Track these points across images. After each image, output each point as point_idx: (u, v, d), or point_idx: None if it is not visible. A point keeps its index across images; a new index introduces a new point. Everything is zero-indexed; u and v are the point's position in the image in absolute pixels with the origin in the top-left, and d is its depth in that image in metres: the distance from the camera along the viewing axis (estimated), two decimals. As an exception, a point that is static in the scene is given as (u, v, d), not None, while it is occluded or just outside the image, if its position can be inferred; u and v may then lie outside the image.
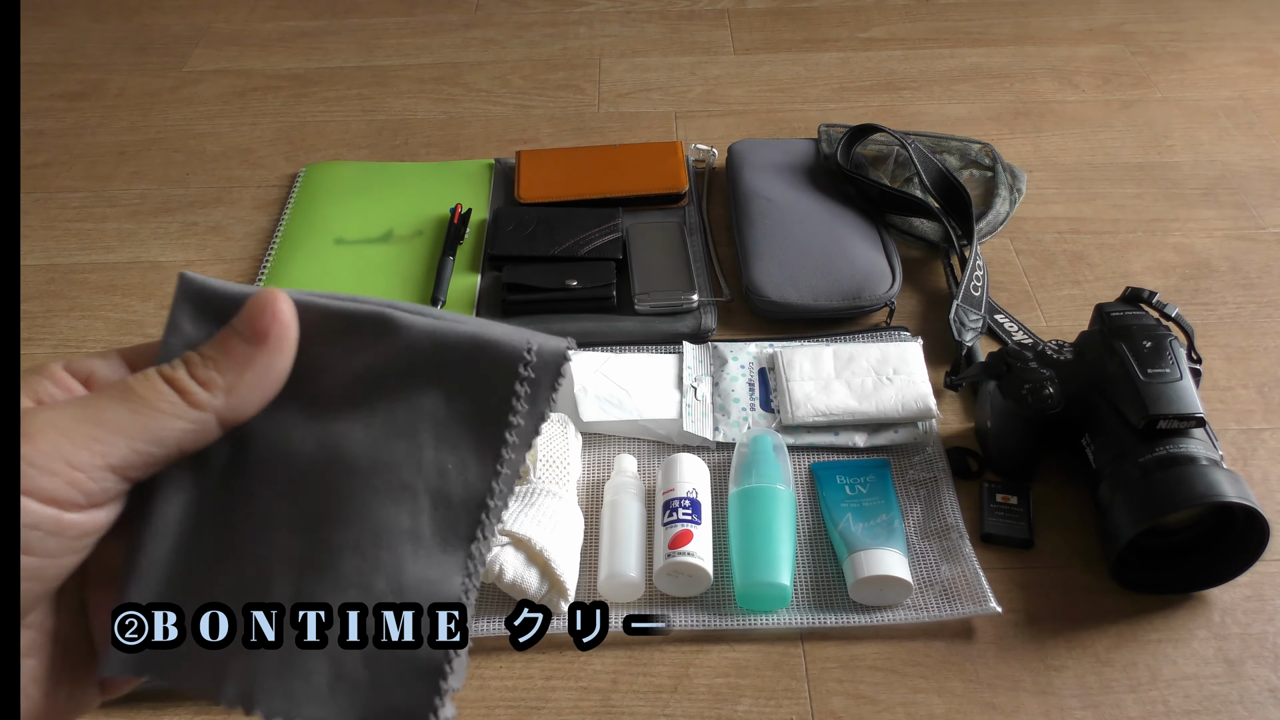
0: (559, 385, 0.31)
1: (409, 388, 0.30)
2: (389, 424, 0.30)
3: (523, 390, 0.30)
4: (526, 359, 0.30)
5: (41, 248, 0.96)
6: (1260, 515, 0.59)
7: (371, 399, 0.30)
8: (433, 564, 0.29)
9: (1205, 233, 0.95)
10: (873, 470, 0.72)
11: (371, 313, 0.30)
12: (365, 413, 0.30)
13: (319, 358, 0.30)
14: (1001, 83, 1.19)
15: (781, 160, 1.00)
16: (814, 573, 0.66)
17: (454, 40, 1.29)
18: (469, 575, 0.29)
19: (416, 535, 0.29)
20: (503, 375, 0.30)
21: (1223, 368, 0.81)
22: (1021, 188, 0.97)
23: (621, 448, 0.75)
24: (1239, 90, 1.16)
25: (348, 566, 0.28)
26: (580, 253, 0.88)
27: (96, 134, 1.13)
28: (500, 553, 0.61)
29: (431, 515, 0.29)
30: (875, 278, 0.85)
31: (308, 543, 0.29)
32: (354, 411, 0.30)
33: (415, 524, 0.29)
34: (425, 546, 0.29)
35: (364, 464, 0.29)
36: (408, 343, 0.30)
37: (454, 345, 0.30)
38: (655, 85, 1.20)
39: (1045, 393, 0.68)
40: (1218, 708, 0.60)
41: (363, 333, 0.30)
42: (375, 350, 0.30)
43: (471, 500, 0.29)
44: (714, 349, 0.81)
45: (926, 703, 0.60)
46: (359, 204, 0.99)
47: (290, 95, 1.19)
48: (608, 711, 0.60)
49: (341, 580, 0.28)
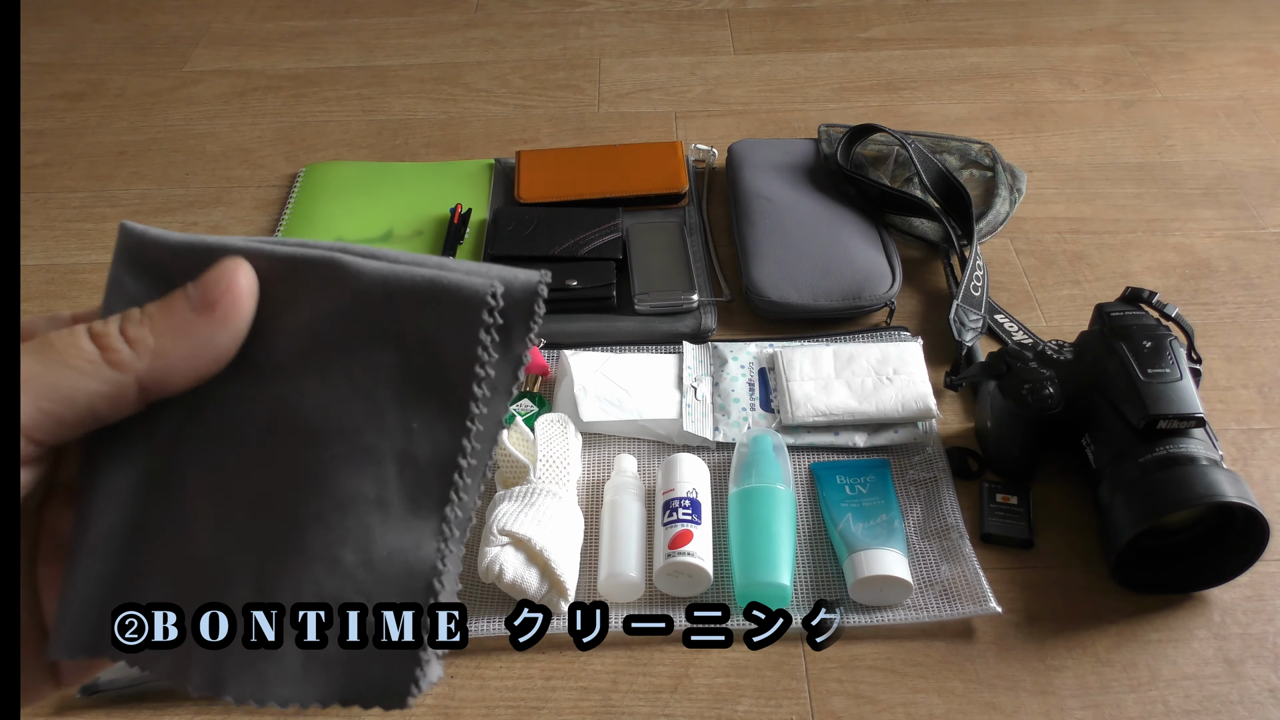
0: (535, 325, 0.28)
1: (365, 341, 0.27)
2: (347, 383, 0.27)
3: (489, 338, 0.27)
4: (492, 303, 0.27)
5: (41, 248, 0.96)
6: (1260, 515, 0.59)
7: (326, 357, 0.27)
8: (405, 531, 0.27)
9: (1205, 233, 0.95)
10: (873, 470, 0.72)
11: (320, 258, 0.27)
12: (319, 372, 0.27)
13: (268, 313, 0.28)
14: (1001, 83, 1.19)
15: (781, 160, 1.00)
16: (814, 573, 0.66)
17: (454, 40, 1.29)
18: (444, 540, 0.27)
19: (384, 503, 0.27)
20: (466, 322, 0.27)
21: (1223, 368, 0.81)
22: (1021, 188, 0.97)
23: (621, 448, 0.75)
24: (1239, 90, 1.16)
25: (312, 541, 0.26)
26: (580, 253, 0.88)
27: (96, 134, 1.13)
28: (500, 553, 0.61)
29: (399, 480, 0.27)
30: (875, 278, 0.85)
31: (267, 517, 0.27)
32: (307, 371, 0.28)
33: (382, 491, 0.27)
34: (394, 514, 0.27)
35: (322, 429, 0.27)
36: (360, 291, 0.27)
37: (410, 291, 0.27)
38: (655, 85, 1.20)
39: (1045, 393, 0.68)
40: (1218, 708, 0.60)
41: (310, 282, 0.27)
42: (325, 300, 0.27)
43: (442, 460, 0.27)
44: (714, 349, 0.81)
45: (926, 703, 0.60)
46: (359, 204, 0.99)
47: (290, 95, 1.19)
48: (608, 711, 0.60)
49: (308, 555, 0.26)
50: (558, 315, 0.85)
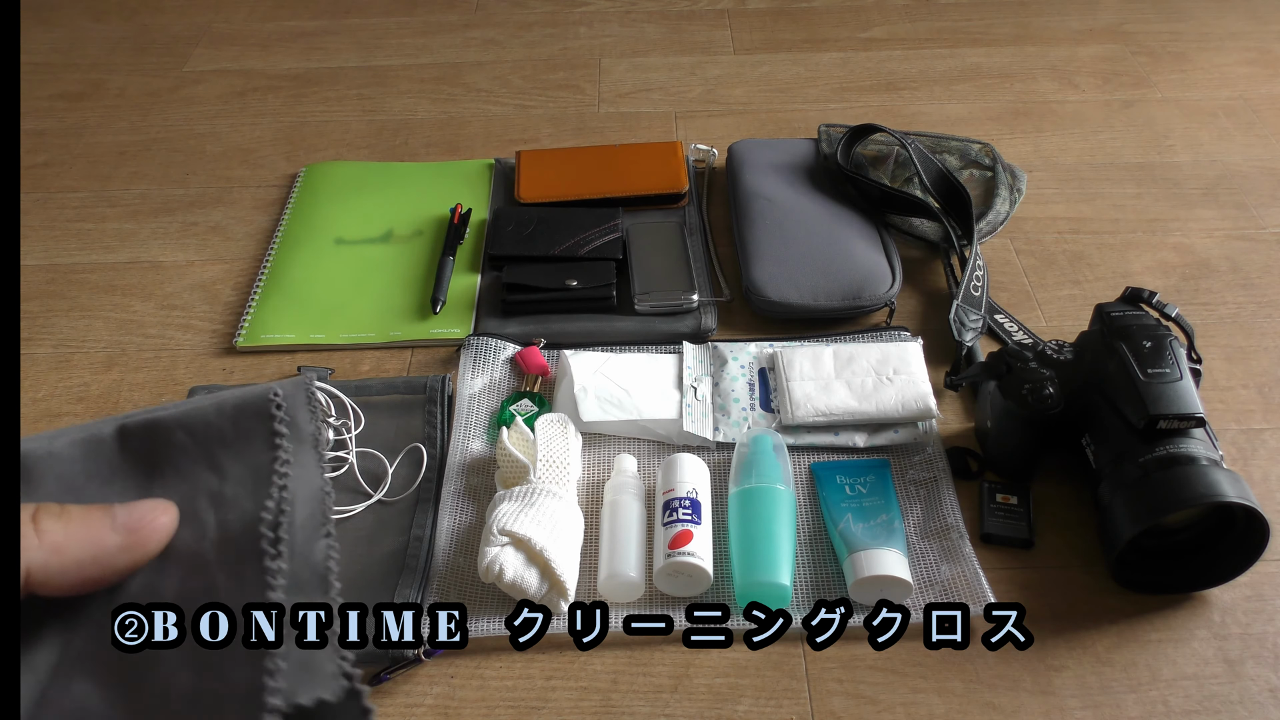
0: (314, 402, 0.35)
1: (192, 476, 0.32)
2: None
3: (280, 414, 0.34)
4: (273, 399, 0.34)
5: (41, 248, 0.96)
6: (1260, 515, 0.59)
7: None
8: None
9: (1205, 233, 0.95)
10: (873, 470, 0.72)
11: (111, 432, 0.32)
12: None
13: None
14: (1001, 83, 1.19)
15: (781, 160, 1.00)
16: (814, 573, 0.66)
17: (454, 40, 1.29)
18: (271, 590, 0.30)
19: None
20: (257, 412, 0.34)
21: (1223, 368, 0.81)
22: (1021, 188, 0.97)
23: (621, 448, 0.75)
24: (1239, 90, 1.16)
25: None
26: (580, 253, 0.88)
27: (96, 134, 1.13)
28: (500, 553, 0.61)
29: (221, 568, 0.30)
30: (875, 278, 0.85)
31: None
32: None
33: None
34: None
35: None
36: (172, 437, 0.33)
37: (202, 422, 0.33)
38: (655, 85, 1.20)
39: (1045, 393, 0.68)
40: (1218, 708, 0.60)
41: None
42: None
43: (246, 522, 0.31)
44: (714, 349, 0.81)
45: (926, 703, 0.60)
46: (359, 204, 0.99)
47: (290, 95, 1.19)
48: (608, 711, 0.60)
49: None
50: (558, 315, 0.85)
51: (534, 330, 0.84)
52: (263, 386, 0.35)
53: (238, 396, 0.34)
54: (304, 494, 0.33)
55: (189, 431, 0.33)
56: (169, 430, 0.33)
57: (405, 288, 0.89)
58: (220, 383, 0.81)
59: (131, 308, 0.90)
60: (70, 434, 0.32)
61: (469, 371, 0.80)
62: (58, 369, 0.83)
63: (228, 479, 0.33)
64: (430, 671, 0.61)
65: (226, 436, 0.33)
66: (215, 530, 0.31)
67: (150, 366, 0.83)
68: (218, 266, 0.94)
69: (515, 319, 0.85)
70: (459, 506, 0.70)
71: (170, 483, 0.32)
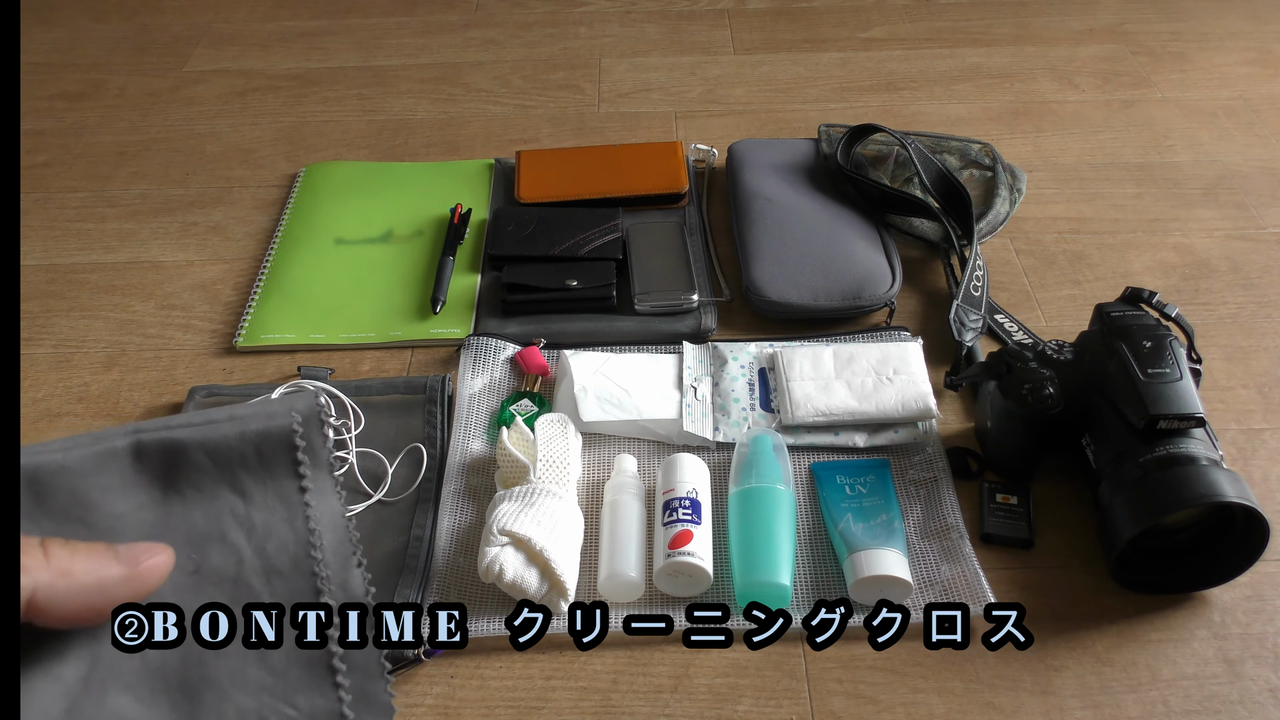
0: (327, 426, 0.36)
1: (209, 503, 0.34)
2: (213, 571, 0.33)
3: (302, 443, 0.35)
4: (296, 429, 0.35)
5: (41, 248, 0.96)
6: (1260, 515, 0.59)
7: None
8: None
9: (1205, 233, 0.95)
10: (873, 470, 0.72)
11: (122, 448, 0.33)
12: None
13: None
14: (1001, 83, 1.19)
15: (781, 160, 1.00)
16: (814, 573, 0.66)
17: (454, 40, 1.29)
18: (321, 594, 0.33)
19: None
20: (281, 439, 0.35)
21: (1223, 368, 0.81)
22: (1021, 188, 0.97)
23: (621, 448, 0.75)
24: (1239, 90, 1.16)
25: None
26: (580, 253, 0.88)
27: (96, 134, 1.13)
28: (500, 553, 0.61)
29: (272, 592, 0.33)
30: (875, 278, 0.85)
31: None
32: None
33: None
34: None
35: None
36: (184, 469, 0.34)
37: (225, 448, 0.34)
38: (655, 85, 1.20)
39: (1045, 393, 0.68)
40: (1218, 708, 0.60)
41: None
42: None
43: (298, 553, 0.33)
44: (714, 349, 0.81)
45: (926, 703, 0.60)
46: (359, 204, 0.99)
47: (290, 95, 1.19)
48: (608, 711, 0.60)
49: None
50: (558, 315, 0.85)
51: (534, 330, 0.84)
52: (279, 406, 0.35)
53: (259, 420, 0.35)
54: (327, 520, 0.34)
55: (209, 453, 0.34)
56: (188, 450, 0.33)
57: (405, 288, 0.89)
58: (220, 383, 0.81)
59: (131, 308, 0.89)
60: (83, 446, 0.32)
61: (469, 371, 0.80)
62: (58, 369, 0.83)
63: (253, 504, 0.34)
64: (430, 671, 0.61)
65: (249, 461, 0.34)
66: (254, 558, 0.33)
67: (150, 366, 0.83)
68: (218, 266, 0.94)
69: (515, 319, 0.85)
70: (459, 506, 0.70)
71: (191, 500, 0.33)
